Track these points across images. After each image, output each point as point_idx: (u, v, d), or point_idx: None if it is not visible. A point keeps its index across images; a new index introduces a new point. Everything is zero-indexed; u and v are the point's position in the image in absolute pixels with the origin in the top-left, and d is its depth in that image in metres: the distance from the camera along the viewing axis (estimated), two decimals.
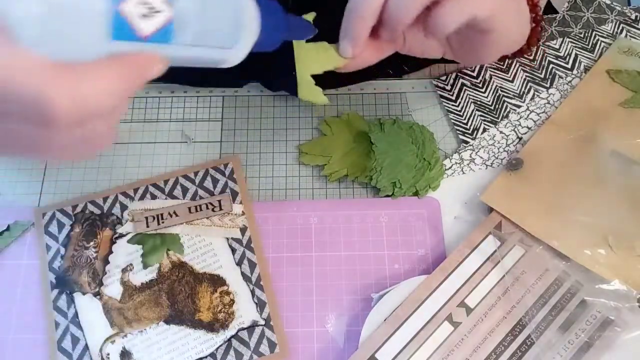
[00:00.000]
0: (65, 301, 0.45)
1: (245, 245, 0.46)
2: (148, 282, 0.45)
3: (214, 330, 0.44)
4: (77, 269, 0.46)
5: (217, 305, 0.44)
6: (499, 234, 0.45)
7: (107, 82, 0.26)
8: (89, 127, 0.27)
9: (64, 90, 0.24)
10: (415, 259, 0.46)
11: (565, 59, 0.54)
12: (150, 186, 0.49)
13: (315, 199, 0.49)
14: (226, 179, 0.49)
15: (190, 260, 0.46)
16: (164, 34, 0.28)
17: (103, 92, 0.26)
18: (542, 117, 0.51)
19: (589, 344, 0.41)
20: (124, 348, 0.43)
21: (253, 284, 0.45)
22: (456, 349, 0.41)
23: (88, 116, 0.26)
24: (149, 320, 0.44)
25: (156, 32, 0.28)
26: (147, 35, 0.27)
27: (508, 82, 0.53)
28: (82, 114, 0.25)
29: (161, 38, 0.28)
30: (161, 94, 0.54)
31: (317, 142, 0.51)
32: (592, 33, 0.55)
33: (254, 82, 0.54)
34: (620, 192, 0.45)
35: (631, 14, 0.55)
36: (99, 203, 0.48)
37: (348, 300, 0.45)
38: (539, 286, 0.43)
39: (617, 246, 0.43)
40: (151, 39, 0.28)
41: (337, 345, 0.43)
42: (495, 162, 0.49)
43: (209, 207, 0.48)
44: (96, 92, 0.26)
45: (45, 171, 0.50)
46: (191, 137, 0.52)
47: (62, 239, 0.47)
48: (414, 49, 0.44)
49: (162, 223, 0.47)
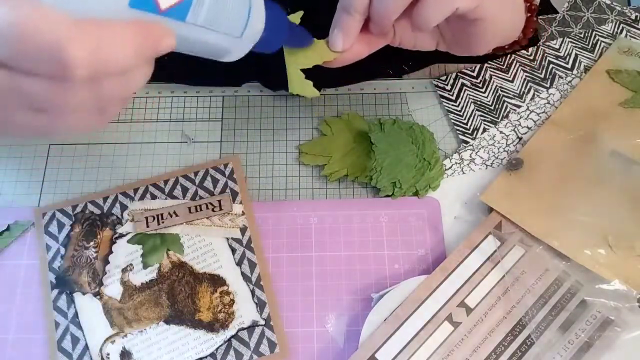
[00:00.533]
0: (65, 301, 0.45)
1: (245, 245, 0.46)
2: (148, 282, 0.45)
3: (214, 330, 0.44)
4: (77, 269, 0.46)
5: (217, 305, 0.44)
6: (499, 234, 0.45)
7: (125, 40, 0.26)
8: (102, 88, 0.27)
9: (83, 41, 0.24)
10: (415, 259, 0.46)
11: (565, 59, 0.54)
12: (150, 186, 0.49)
13: (315, 199, 0.49)
14: (226, 179, 0.49)
15: (190, 260, 0.46)
16: (180, 10, 0.29)
17: (120, 50, 0.26)
18: (542, 117, 0.51)
19: (589, 344, 0.41)
20: (124, 348, 0.43)
21: (253, 284, 0.45)
22: (456, 349, 0.41)
23: (103, 71, 0.26)
24: (149, 320, 0.44)
25: (174, 7, 0.28)
26: (165, 9, 0.28)
27: (508, 82, 0.53)
28: (98, 68, 0.25)
29: (176, 14, 0.29)
30: (161, 94, 0.54)
31: (317, 142, 0.51)
32: (592, 33, 0.55)
33: (254, 82, 0.54)
34: (620, 192, 0.45)
35: (631, 14, 0.55)
36: (99, 203, 0.48)
37: (348, 300, 0.45)
38: (539, 286, 0.43)
39: (617, 246, 0.43)
40: (167, 14, 0.28)
41: (337, 345, 0.43)
42: (495, 162, 0.49)
43: (209, 207, 0.48)
44: (114, 48, 0.26)
45: (46, 171, 0.50)
46: (191, 137, 0.52)
47: (62, 239, 0.47)
48: (405, 42, 0.44)
49: (162, 223, 0.47)
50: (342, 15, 0.38)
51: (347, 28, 0.39)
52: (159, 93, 0.54)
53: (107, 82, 0.27)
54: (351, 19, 0.38)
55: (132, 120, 0.53)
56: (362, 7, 0.38)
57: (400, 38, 0.43)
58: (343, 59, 0.40)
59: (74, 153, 0.51)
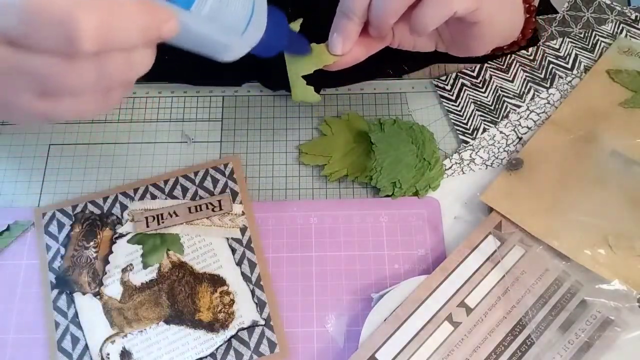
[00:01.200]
0: (65, 301, 0.45)
1: (245, 245, 0.46)
2: (148, 282, 0.45)
3: (214, 330, 0.44)
4: (77, 269, 0.46)
5: (217, 305, 0.44)
6: (499, 234, 0.45)
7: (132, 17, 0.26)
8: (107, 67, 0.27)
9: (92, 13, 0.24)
10: (415, 259, 0.46)
11: (565, 59, 0.54)
12: (150, 186, 0.49)
13: (315, 199, 0.49)
14: (226, 179, 0.49)
15: (190, 260, 0.46)
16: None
17: (127, 25, 0.26)
18: (542, 117, 0.51)
19: (589, 344, 0.41)
20: (124, 348, 0.43)
21: (253, 284, 0.45)
22: (456, 349, 0.41)
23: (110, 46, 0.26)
24: (149, 320, 0.44)
25: None
26: None
27: (508, 82, 0.53)
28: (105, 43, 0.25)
29: (183, 1, 0.29)
30: (161, 93, 0.54)
31: (317, 142, 0.51)
32: (592, 33, 0.55)
33: (254, 82, 0.54)
34: (620, 192, 0.45)
35: (631, 14, 0.55)
36: (99, 203, 0.48)
37: (348, 300, 0.45)
38: (539, 286, 0.43)
39: (617, 246, 0.43)
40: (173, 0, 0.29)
41: (337, 345, 0.43)
42: (495, 162, 0.49)
43: (209, 207, 0.48)
44: (121, 23, 0.26)
45: (46, 171, 0.50)
46: (191, 137, 0.52)
47: (62, 239, 0.47)
48: (405, 44, 0.44)
49: (162, 223, 0.47)
50: (342, 19, 0.39)
51: (347, 32, 0.39)
52: (159, 93, 0.54)
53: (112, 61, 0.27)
54: (350, 23, 0.38)
55: (132, 120, 0.53)
56: (361, 11, 0.38)
57: (400, 40, 0.43)
58: (342, 62, 0.41)
59: (74, 153, 0.51)
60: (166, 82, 0.54)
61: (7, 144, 0.52)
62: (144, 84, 0.54)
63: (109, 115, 0.53)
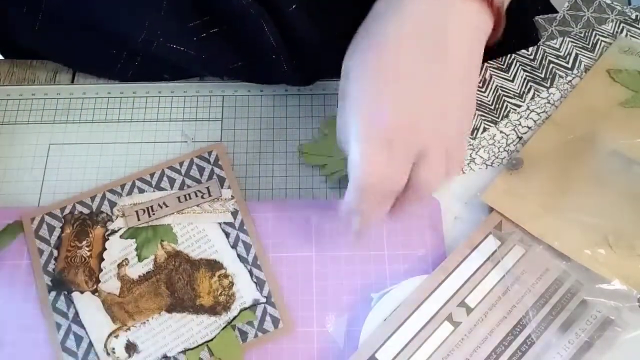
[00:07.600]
0: (64, 302, 0.45)
1: (238, 228, 0.47)
2: (145, 274, 0.45)
3: (216, 313, 0.44)
4: (72, 269, 0.46)
5: (217, 289, 0.45)
6: (499, 234, 0.45)
7: None
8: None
9: None
10: (415, 259, 0.46)
11: (565, 58, 0.54)
12: (137, 180, 0.49)
13: (315, 199, 0.49)
14: (212, 166, 0.49)
15: (185, 249, 0.46)
16: None
17: None
18: (543, 117, 0.51)
19: (589, 343, 0.41)
20: (129, 341, 0.43)
21: (250, 264, 0.45)
22: (456, 349, 0.41)
23: None
24: (150, 311, 0.44)
25: None
26: None
27: (508, 82, 0.53)
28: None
29: None
30: (161, 93, 0.54)
31: (317, 142, 0.51)
32: (593, 33, 0.55)
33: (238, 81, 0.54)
34: (620, 192, 0.45)
35: (631, 13, 0.55)
36: (87, 203, 0.48)
37: (348, 300, 0.45)
38: (539, 286, 0.43)
39: (617, 246, 0.43)
40: None
41: (337, 345, 0.43)
42: (495, 161, 0.49)
43: (197, 194, 0.48)
44: None
45: (46, 171, 0.50)
46: (191, 137, 0.52)
47: (54, 242, 0.47)
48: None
49: (153, 215, 0.47)
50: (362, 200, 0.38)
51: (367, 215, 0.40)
52: (159, 93, 0.54)
53: None
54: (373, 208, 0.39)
55: (132, 120, 0.53)
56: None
57: None
58: None
59: (74, 153, 0.51)
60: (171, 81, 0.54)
61: (7, 144, 0.52)
62: (145, 84, 0.54)
63: (109, 115, 0.53)
